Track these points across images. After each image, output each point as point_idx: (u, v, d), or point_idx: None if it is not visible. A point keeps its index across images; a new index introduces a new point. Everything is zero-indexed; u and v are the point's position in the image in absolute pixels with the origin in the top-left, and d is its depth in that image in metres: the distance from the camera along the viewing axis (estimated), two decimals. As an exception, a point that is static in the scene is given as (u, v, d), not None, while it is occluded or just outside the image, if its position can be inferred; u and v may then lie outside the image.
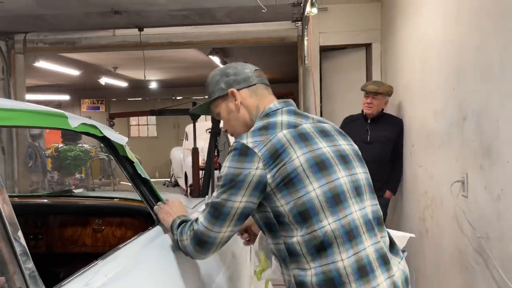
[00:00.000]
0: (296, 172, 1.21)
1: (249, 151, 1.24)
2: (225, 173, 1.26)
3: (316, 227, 1.19)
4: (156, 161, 12.12)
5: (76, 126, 1.28)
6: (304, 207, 1.20)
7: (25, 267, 0.93)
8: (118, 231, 1.96)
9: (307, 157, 1.24)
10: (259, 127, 1.31)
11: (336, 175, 1.26)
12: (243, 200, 1.24)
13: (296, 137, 1.27)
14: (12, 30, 4.50)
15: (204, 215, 1.29)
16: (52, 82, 10.54)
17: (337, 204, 1.22)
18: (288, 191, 1.21)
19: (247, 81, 1.43)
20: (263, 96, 1.43)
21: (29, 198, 2.15)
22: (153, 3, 3.51)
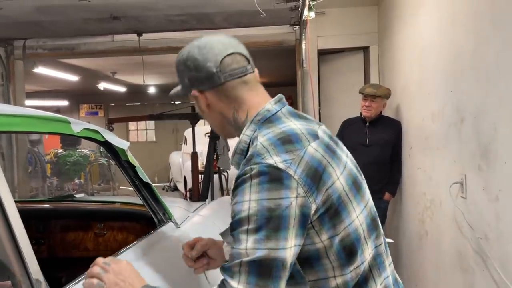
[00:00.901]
0: (340, 197, 0.97)
1: (282, 174, 0.91)
2: (256, 210, 0.89)
3: (359, 261, 0.99)
4: (155, 166, 12.12)
5: (78, 131, 1.30)
6: (350, 241, 0.97)
7: (31, 271, 0.94)
8: (119, 235, 1.97)
9: (345, 176, 1.00)
10: (277, 139, 0.97)
11: (367, 194, 1.07)
12: (294, 243, 0.91)
13: (327, 151, 1.00)
14: (12, 36, 4.52)
15: (245, 280, 0.87)
16: (51, 88, 10.56)
17: (375, 229, 1.05)
18: (332, 223, 0.95)
19: (210, 80, 1.05)
20: (240, 97, 1.07)
21: (31, 203, 2.16)
22: (152, 9, 3.54)
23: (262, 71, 1.16)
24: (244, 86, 1.07)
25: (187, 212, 2.09)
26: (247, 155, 0.98)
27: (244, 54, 1.08)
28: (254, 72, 1.10)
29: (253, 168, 0.92)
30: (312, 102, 4.01)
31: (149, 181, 1.68)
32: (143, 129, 13.60)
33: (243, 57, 1.08)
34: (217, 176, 5.61)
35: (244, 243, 0.89)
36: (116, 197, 3.51)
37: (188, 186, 7.24)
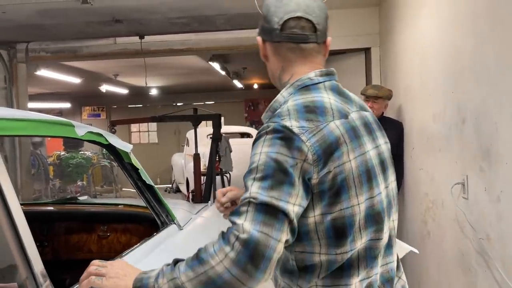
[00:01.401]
0: (346, 179, 0.98)
1: (295, 137, 0.95)
2: (265, 161, 0.94)
3: (347, 248, 0.99)
4: (157, 167, 12.15)
5: (83, 134, 1.32)
6: (342, 223, 0.98)
7: (37, 273, 0.96)
8: (123, 237, 1.98)
9: (359, 162, 1.01)
10: (304, 106, 1.01)
11: (378, 188, 1.05)
12: (297, 203, 0.93)
13: (349, 132, 1.01)
14: (14, 39, 4.56)
15: (251, 217, 0.90)
16: (53, 90, 10.60)
17: (376, 224, 1.04)
18: (329, 200, 0.97)
19: (271, 34, 1.08)
20: (290, 60, 1.09)
21: (34, 205, 2.18)
22: (154, 12, 3.56)
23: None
24: (299, 52, 1.08)
25: (190, 214, 2.10)
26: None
27: (314, 22, 1.06)
28: (318, 43, 1.09)
29: (270, 126, 0.98)
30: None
31: (152, 183, 1.69)
32: (145, 130, 13.63)
33: (311, 24, 1.06)
34: (219, 178, 5.62)
35: (249, 189, 0.93)
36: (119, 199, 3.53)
37: (191, 188, 7.26)
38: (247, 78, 9.54)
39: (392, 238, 1.12)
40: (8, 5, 3.24)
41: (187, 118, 5.18)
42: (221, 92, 12.29)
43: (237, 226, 0.89)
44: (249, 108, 12.55)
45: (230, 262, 0.87)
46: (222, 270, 0.87)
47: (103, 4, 3.25)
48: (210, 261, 0.88)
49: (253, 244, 0.87)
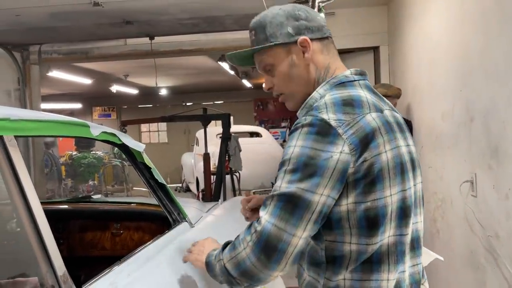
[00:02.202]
0: (381, 169, 0.98)
1: (331, 130, 0.97)
2: (297, 154, 0.96)
3: (378, 238, 0.99)
4: (167, 167, 12.23)
5: (97, 134, 1.36)
6: (375, 214, 0.98)
7: (57, 267, 1.00)
8: (135, 234, 2.03)
9: (394, 154, 1.01)
10: (342, 100, 1.02)
11: (409, 183, 1.05)
12: (325, 193, 0.95)
13: (385, 125, 1.02)
14: (27, 41, 4.64)
15: (271, 210, 0.96)
16: (64, 91, 10.73)
17: (405, 217, 1.03)
18: (364, 189, 0.97)
19: (321, 31, 1.10)
20: (335, 56, 1.13)
21: (50, 204, 2.23)
22: (163, 13, 3.60)
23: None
24: (333, 49, 1.14)
25: (201, 212, 2.14)
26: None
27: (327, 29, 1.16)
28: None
29: (307, 119, 0.99)
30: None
31: (164, 182, 1.73)
32: (155, 130, 13.73)
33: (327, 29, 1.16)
34: (229, 177, 5.66)
35: (280, 181, 0.98)
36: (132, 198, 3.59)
37: (201, 187, 7.31)
38: (256, 77, 9.57)
39: (420, 240, 1.10)
40: (22, 8, 3.31)
41: (197, 118, 5.22)
42: (230, 92, 12.33)
43: (259, 219, 0.98)
44: (258, 107, 12.57)
45: (249, 250, 0.97)
46: (245, 256, 0.98)
47: (113, 6, 3.30)
48: (238, 248, 1.00)
49: (265, 236, 0.95)
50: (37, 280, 1.01)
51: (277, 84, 1.15)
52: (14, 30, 3.96)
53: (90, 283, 1.08)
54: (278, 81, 1.14)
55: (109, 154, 8.69)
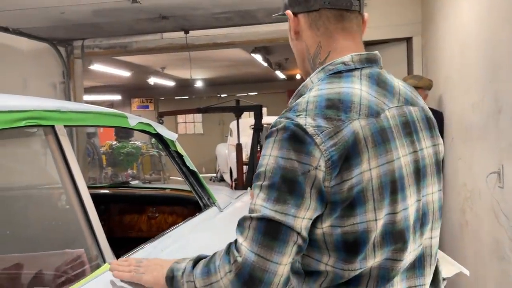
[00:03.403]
0: (362, 191, 0.83)
1: (306, 138, 0.82)
2: (273, 167, 0.82)
3: (357, 266, 0.86)
4: (202, 157, 12.51)
5: (134, 124, 1.50)
6: (354, 239, 0.84)
7: (100, 240, 1.14)
8: (169, 218, 2.18)
9: (382, 171, 0.85)
10: (327, 99, 0.86)
11: (404, 203, 0.88)
12: (307, 216, 0.82)
13: (376, 136, 0.85)
14: (71, 37, 4.90)
15: (251, 236, 0.82)
16: (105, 83, 11.16)
17: (395, 243, 0.88)
18: (341, 213, 0.83)
19: (307, 2, 0.93)
20: (330, 33, 0.93)
21: (93, 189, 2.42)
22: (197, 8, 3.73)
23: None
24: (340, 22, 0.93)
25: (230, 199, 2.27)
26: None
27: None
28: (360, 13, 0.95)
29: (282, 122, 0.84)
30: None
31: (196, 169, 1.86)
32: (191, 121, 14.03)
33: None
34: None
35: (255, 198, 0.84)
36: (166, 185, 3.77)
37: (234, 177, 7.48)
38: (289, 68, 9.61)
39: (427, 258, 0.95)
40: (66, 6, 3.53)
41: (230, 109, 5.37)
42: (264, 83, 12.42)
43: (238, 245, 0.83)
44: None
45: (228, 282, 0.83)
46: (224, 285, 0.84)
47: (150, 2, 3.46)
48: (216, 274, 0.86)
49: (248, 269, 0.81)
50: (83, 251, 1.16)
51: None
52: (59, 26, 4.21)
53: (128, 255, 1.22)
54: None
55: (147, 144, 8.99)
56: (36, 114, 1.06)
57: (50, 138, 1.13)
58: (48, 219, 1.36)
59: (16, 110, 1.01)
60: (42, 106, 1.10)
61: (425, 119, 0.98)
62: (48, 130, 1.12)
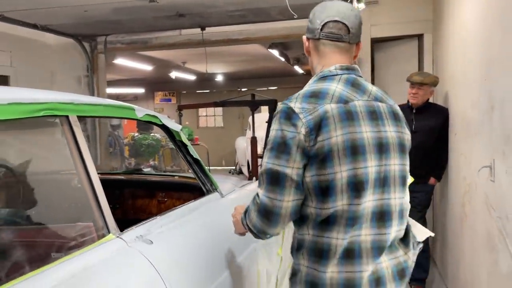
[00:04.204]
0: (330, 151, 1.21)
1: (294, 115, 1.24)
2: (273, 136, 1.26)
3: (329, 205, 1.23)
4: (222, 150, 12.73)
5: (141, 116, 1.68)
6: (326, 185, 1.23)
7: (106, 215, 1.33)
8: (177, 202, 2.36)
9: (345, 138, 1.23)
10: (311, 92, 1.28)
11: (365, 163, 1.25)
12: (295, 166, 1.23)
13: (342, 115, 1.25)
14: (95, 33, 5.16)
15: (263, 186, 1.26)
16: (128, 77, 11.49)
17: (356, 191, 1.24)
18: (317, 165, 1.22)
19: (312, 33, 1.37)
20: (325, 54, 1.36)
21: (109, 175, 2.64)
22: (213, 6, 3.90)
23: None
24: (333, 49, 1.35)
25: (235, 187, 2.44)
26: None
27: (348, 26, 1.34)
28: (350, 43, 1.36)
29: (280, 106, 1.29)
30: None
31: (199, 157, 2.04)
32: (212, 115, 14.25)
33: (346, 27, 1.34)
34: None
35: (265, 158, 1.28)
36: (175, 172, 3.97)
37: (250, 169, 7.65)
38: (307, 63, 9.68)
39: (392, 214, 1.29)
40: (90, 5, 3.76)
41: (245, 103, 5.52)
42: (283, 78, 12.51)
43: (258, 193, 1.30)
44: (312, 93, 12.64)
45: (256, 216, 1.30)
46: (255, 219, 1.31)
47: (167, 1, 3.65)
48: (250, 213, 1.33)
49: (263, 206, 1.27)
50: (92, 224, 1.35)
51: None
52: (83, 23, 4.46)
53: (131, 228, 1.41)
54: None
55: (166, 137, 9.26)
56: (53, 105, 1.25)
57: (65, 126, 1.32)
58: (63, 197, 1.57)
59: (36, 102, 1.20)
60: (57, 98, 1.29)
61: (392, 112, 1.35)
62: (63, 120, 1.31)
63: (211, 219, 1.79)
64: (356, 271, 1.25)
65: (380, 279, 1.27)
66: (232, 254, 1.78)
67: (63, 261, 1.13)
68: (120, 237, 1.33)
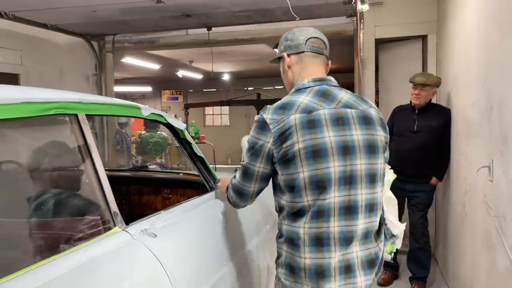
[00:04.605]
0: (294, 155, 1.43)
1: (266, 126, 1.47)
2: (250, 140, 1.53)
3: (297, 200, 1.45)
4: (228, 149, 12.79)
5: (147, 114, 1.75)
6: (292, 183, 1.45)
7: (111, 209, 1.40)
8: (181, 199, 2.43)
9: (306, 144, 1.43)
10: (282, 104, 1.49)
11: (327, 164, 1.43)
12: (261, 166, 1.51)
13: (304, 123, 1.44)
14: (103, 32, 5.24)
15: (239, 174, 1.61)
16: (136, 75, 11.60)
17: (319, 188, 1.43)
18: (284, 166, 1.45)
19: (297, 47, 1.58)
20: (306, 65, 1.57)
21: (116, 171, 2.71)
22: (219, 6, 3.96)
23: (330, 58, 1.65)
24: (316, 60, 1.59)
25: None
26: None
27: (325, 42, 1.62)
28: (327, 57, 1.62)
29: (257, 117, 1.54)
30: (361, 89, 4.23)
31: (202, 155, 2.10)
32: (218, 114, 14.33)
33: (323, 43, 1.61)
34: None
35: (245, 156, 1.57)
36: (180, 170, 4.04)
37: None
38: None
39: (358, 209, 1.46)
40: (98, 5, 3.84)
41: (251, 102, 5.59)
42: (289, 77, 12.50)
43: (234, 176, 1.65)
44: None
45: (232, 193, 1.66)
46: (232, 194, 1.67)
47: (174, 2, 3.72)
48: (229, 190, 1.68)
49: (236, 188, 1.63)
50: (99, 218, 1.42)
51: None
52: (92, 23, 4.54)
53: (135, 222, 1.47)
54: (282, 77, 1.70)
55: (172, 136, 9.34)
56: (63, 104, 1.32)
57: (74, 124, 1.39)
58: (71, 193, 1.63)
59: (47, 101, 1.27)
60: (67, 98, 1.36)
61: (361, 117, 1.51)
62: (72, 118, 1.38)
63: (213, 215, 1.85)
64: (325, 257, 1.43)
65: (350, 267, 1.45)
66: (234, 248, 1.84)
67: (72, 251, 1.20)
68: (125, 230, 1.40)
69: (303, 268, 1.44)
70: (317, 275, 1.43)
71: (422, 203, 3.62)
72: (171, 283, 1.35)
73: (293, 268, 1.46)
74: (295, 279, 1.46)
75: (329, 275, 1.43)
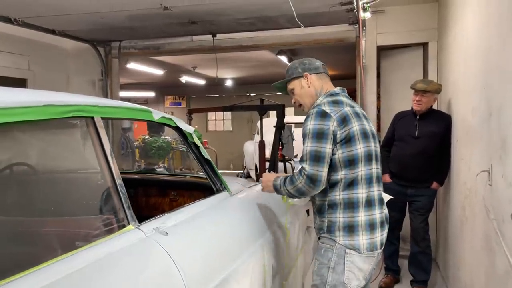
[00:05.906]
0: (354, 135, 1.92)
1: (327, 114, 1.93)
2: (311, 129, 1.90)
3: (355, 170, 1.93)
4: (230, 154, 12.87)
5: (158, 118, 1.82)
6: (352, 157, 1.92)
7: (126, 208, 1.47)
8: (188, 201, 2.50)
9: (359, 127, 1.96)
10: (331, 101, 2.00)
11: (369, 143, 2.00)
12: (329, 147, 1.90)
13: (353, 114, 1.99)
14: (110, 39, 5.33)
15: (308, 164, 1.89)
16: (140, 81, 11.70)
17: (368, 160, 1.98)
18: (345, 145, 1.91)
19: (317, 69, 2.13)
20: (326, 81, 2.13)
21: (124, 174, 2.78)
22: (223, 14, 4.05)
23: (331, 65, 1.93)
24: (326, 77, 2.16)
25: (243, 187, 2.57)
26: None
27: (325, 67, 2.19)
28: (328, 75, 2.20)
29: (315, 109, 1.96)
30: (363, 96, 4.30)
31: (210, 158, 2.17)
32: (221, 119, 14.41)
33: (325, 67, 2.19)
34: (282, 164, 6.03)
35: (305, 144, 1.91)
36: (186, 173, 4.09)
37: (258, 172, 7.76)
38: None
39: (379, 178, 2.06)
40: (106, 12, 3.92)
41: (254, 107, 5.65)
42: (292, 83, 12.58)
43: (303, 168, 1.91)
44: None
45: (304, 182, 1.90)
46: (302, 185, 1.91)
47: (180, 9, 3.80)
48: (296, 181, 1.92)
49: (310, 176, 1.89)
50: (113, 217, 1.49)
51: (295, 98, 2.17)
52: (99, 29, 4.63)
53: (148, 221, 1.54)
54: (296, 96, 2.16)
55: (176, 140, 9.42)
56: (80, 108, 1.39)
57: (90, 127, 1.46)
58: (88, 192, 1.71)
59: (66, 105, 1.34)
60: (84, 101, 1.43)
61: (363, 114, 2.08)
62: (89, 121, 1.45)
63: (220, 215, 1.92)
64: (374, 214, 1.97)
65: (383, 222, 2.02)
66: (240, 248, 1.91)
67: (89, 247, 1.27)
68: (138, 228, 1.46)
69: (360, 224, 1.92)
70: (370, 227, 1.93)
71: (423, 208, 3.67)
72: (182, 278, 1.41)
73: (352, 227, 1.91)
74: (353, 237, 1.91)
75: (376, 228, 1.95)
